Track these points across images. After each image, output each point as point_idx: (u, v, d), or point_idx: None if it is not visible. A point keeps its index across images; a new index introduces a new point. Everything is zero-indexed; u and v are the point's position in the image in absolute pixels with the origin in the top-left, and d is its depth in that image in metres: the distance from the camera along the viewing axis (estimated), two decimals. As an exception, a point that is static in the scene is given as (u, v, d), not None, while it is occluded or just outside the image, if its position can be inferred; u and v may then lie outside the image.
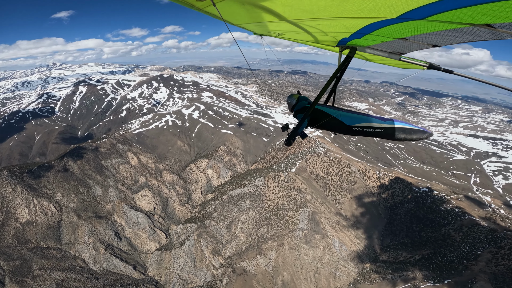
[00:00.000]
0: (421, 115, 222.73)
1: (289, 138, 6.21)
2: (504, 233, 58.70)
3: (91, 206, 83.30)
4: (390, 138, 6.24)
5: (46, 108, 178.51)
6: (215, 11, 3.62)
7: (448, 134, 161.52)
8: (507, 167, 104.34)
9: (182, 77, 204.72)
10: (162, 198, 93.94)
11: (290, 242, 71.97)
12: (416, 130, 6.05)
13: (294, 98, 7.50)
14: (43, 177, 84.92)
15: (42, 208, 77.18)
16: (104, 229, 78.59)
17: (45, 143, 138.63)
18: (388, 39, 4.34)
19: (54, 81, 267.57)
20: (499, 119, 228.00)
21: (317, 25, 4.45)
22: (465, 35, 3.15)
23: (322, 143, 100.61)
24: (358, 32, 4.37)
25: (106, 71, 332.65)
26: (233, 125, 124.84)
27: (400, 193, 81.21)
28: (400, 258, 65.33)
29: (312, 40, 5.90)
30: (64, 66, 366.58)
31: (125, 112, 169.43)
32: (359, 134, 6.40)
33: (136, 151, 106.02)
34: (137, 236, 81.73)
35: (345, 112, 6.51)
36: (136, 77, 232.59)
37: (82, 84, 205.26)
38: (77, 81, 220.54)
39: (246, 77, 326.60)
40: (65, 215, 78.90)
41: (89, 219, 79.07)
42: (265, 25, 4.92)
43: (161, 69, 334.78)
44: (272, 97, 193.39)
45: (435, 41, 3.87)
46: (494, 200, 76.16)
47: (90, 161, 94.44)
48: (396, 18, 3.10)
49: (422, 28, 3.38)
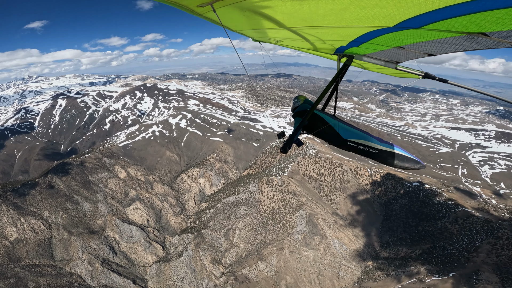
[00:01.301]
0: (404, 111, 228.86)
1: (285, 145, 6.19)
2: (499, 223, 60.04)
3: (82, 222, 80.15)
4: (382, 162, 6.16)
5: (25, 124, 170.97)
6: (215, 17, 3.67)
7: (431, 128, 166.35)
8: (492, 157, 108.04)
9: (166, 85, 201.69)
10: (155, 210, 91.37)
11: (290, 246, 71.28)
12: (410, 159, 5.98)
13: (300, 100, 7.34)
14: (28, 195, 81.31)
15: (30, 226, 73.95)
16: (97, 244, 75.65)
17: (27, 160, 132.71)
18: (385, 47, 4.42)
19: (31, 95, 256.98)
20: (478, 111, 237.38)
21: (316, 33, 4.51)
22: (460, 43, 3.22)
23: (313, 145, 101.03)
24: (355, 41, 4.42)
25: (85, 82, 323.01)
26: (222, 132, 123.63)
27: (392, 189, 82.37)
28: (401, 254, 65.87)
29: (311, 47, 5.95)
30: (40, 79, 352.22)
31: (109, 125, 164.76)
32: (352, 150, 6.26)
33: (123, 164, 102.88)
34: (133, 249, 79.07)
35: (344, 125, 6.38)
36: (118, 87, 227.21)
37: (61, 97, 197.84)
38: (55, 94, 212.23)
39: (231, 82, 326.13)
40: (55, 232, 75.70)
41: (80, 235, 76.05)
42: (264, 32, 4.96)
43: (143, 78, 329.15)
44: (259, 101, 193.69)
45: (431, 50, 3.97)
46: (484, 191, 78.40)
47: (76, 177, 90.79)
48: (393, 27, 3.13)
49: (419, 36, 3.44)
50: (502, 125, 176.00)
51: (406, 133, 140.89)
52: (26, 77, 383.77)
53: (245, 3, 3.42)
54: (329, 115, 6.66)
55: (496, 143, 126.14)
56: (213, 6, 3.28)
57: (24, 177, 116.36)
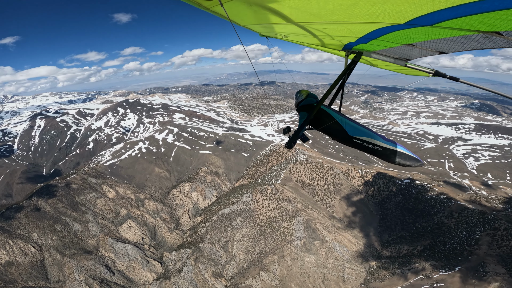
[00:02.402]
0: (386, 110, 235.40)
1: (290, 141, 6.13)
2: (494, 214, 61.59)
3: (73, 243, 77.10)
4: (385, 159, 6.28)
5: (4, 147, 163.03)
6: (222, 11, 3.63)
7: (414, 125, 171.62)
8: (475, 149, 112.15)
9: (150, 100, 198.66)
10: (149, 227, 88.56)
11: (291, 253, 70.44)
12: (411, 157, 6.14)
13: (303, 94, 7.25)
14: (13, 218, 78.33)
15: (20, 249, 70.89)
16: (93, 264, 72.69)
17: (9, 184, 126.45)
18: (394, 44, 4.35)
19: (7, 116, 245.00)
20: (455, 105, 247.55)
21: (324, 29, 4.44)
22: (473, 42, 3.15)
23: (302, 150, 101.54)
24: (364, 37, 4.37)
25: (64, 100, 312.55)
26: (211, 144, 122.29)
27: (385, 188, 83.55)
28: (403, 252, 66.32)
29: (318, 43, 5.91)
30: (16, 98, 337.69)
31: (92, 144, 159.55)
32: (357, 147, 6.32)
33: (111, 184, 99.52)
34: (131, 268, 76.12)
35: (350, 122, 6.39)
36: (99, 104, 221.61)
37: (39, 117, 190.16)
38: (33, 114, 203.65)
39: (215, 93, 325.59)
40: (47, 253, 72.61)
41: (74, 256, 73.10)
42: (271, 27, 4.92)
43: (125, 93, 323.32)
44: (245, 110, 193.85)
45: (443, 48, 3.89)
46: (473, 183, 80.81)
47: (62, 199, 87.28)
48: (404, 24, 3.07)
49: (430, 34, 3.38)
50: (480, 117, 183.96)
51: (391, 131, 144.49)
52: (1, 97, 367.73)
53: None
54: (335, 111, 6.62)
55: (477, 135, 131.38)
56: (220, 0, 3.23)
57: (8, 201, 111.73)
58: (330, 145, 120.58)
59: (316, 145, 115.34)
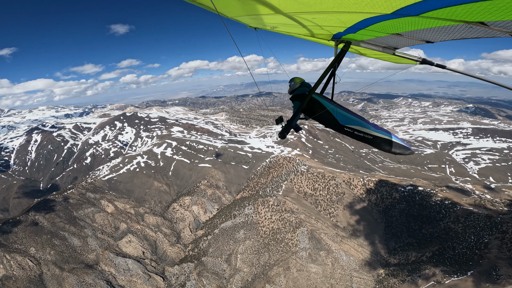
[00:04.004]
0: (383, 117, 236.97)
1: (283, 131, 6.23)
2: (500, 217, 61.20)
3: (72, 258, 75.06)
4: (376, 147, 6.43)
5: (0, 162, 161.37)
6: (209, 3, 3.57)
7: (412, 131, 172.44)
8: (474, 153, 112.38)
9: (147, 113, 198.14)
10: (150, 242, 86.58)
11: (296, 264, 68.80)
12: (401, 146, 6.28)
13: (297, 82, 7.27)
14: (10, 233, 76.74)
15: (17, 263, 68.91)
16: (93, 279, 70.60)
17: (5, 199, 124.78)
18: (382, 34, 4.43)
19: (4, 130, 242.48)
20: (450, 110, 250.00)
21: (313, 19, 4.47)
22: (458, 32, 3.24)
23: (303, 161, 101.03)
24: (353, 27, 4.42)
25: (60, 114, 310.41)
26: (210, 157, 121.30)
27: (388, 195, 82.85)
28: (411, 259, 65.17)
29: (308, 33, 5.98)
30: (13, 112, 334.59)
31: (89, 159, 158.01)
32: (349, 135, 6.46)
33: (110, 198, 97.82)
34: (132, 283, 73.92)
35: (342, 110, 6.49)
36: (96, 118, 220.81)
37: (35, 132, 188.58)
38: (29, 128, 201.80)
39: (213, 106, 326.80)
40: (45, 268, 70.53)
41: (73, 271, 71.02)
42: (260, 18, 4.92)
43: (122, 107, 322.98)
44: (243, 122, 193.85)
45: (429, 37, 4.01)
46: (475, 187, 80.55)
47: (60, 213, 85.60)
48: (391, 14, 3.11)
49: (416, 24, 3.43)
50: (476, 121, 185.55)
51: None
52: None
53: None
54: (327, 100, 6.70)
55: (475, 139, 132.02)
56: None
57: (5, 215, 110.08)
58: (331, 154, 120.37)
59: (316, 155, 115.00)
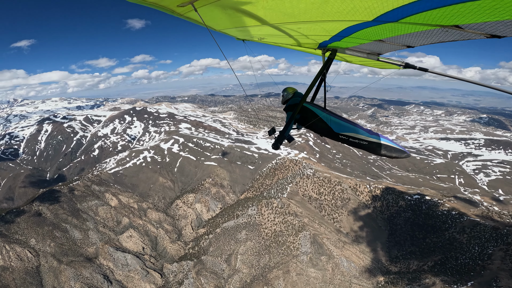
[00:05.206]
0: (393, 124, 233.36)
1: (276, 141, 6.33)
2: (507, 229, 60.03)
3: (72, 250, 75.24)
4: (372, 152, 6.47)
5: (9, 151, 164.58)
6: (196, 17, 3.66)
7: (422, 140, 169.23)
8: (485, 165, 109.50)
9: (157, 109, 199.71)
10: (150, 237, 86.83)
11: (296, 268, 68.02)
12: (396, 149, 6.33)
13: (290, 92, 7.32)
14: (13, 222, 76.96)
15: (16, 254, 69.06)
16: (90, 273, 70.67)
17: (11, 188, 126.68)
18: (365, 41, 4.57)
19: (16, 119, 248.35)
20: (463, 120, 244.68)
21: (298, 29, 4.56)
22: (435, 36, 3.39)
23: (309, 164, 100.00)
24: (337, 35, 4.54)
25: (72, 106, 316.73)
26: (216, 155, 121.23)
27: (394, 203, 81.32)
28: (412, 267, 63.95)
29: (294, 43, 6.10)
30: (26, 102, 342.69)
31: (97, 151, 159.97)
32: (344, 142, 6.49)
33: (114, 192, 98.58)
34: (129, 278, 74.06)
35: (335, 118, 6.52)
36: (106, 111, 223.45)
37: (46, 122, 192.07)
38: (41, 118, 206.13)
39: (221, 104, 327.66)
40: (43, 260, 70.71)
41: (71, 263, 71.13)
42: (247, 30, 5.00)
43: (132, 101, 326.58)
44: (251, 122, 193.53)
45: (409, 42, 4.16)
46: (484, 198, 78.82)
47: (64, 205, 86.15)
48: (372, 21, 3.23)
49: (396, 30, 3.58)
50: (489, 132, 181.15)
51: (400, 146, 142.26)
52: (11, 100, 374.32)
53: (227, 1, 3.39)
54: (320, 108, 6.71)
55: (487, 151, 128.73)
56: (194, 5, 3.24)
57: (9, 205, 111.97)
58: (338, 159, 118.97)
59: (323, 159, 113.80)
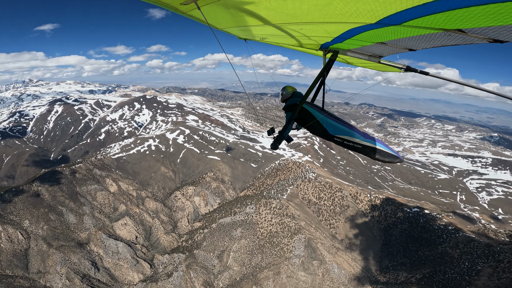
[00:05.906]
0: (401, 136, 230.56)
1: (275, 142, 6.54)
2: (500, 247, 59.72)
3: (63, 235, 75.62)
4: (366, 155, 6.50)
5: (17, 128, 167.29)
6: (199, 15, 3.67)
7: (429, 154, 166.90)
8: (489, 184, 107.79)
9: (166, 98, 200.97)
10: (145, 227, 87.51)
11: (287, 270, 68.01)
12: (390, 154, 6.36)
13: (289, 91, 7.40)
14: (10, 202, 77.17)
15: (7, 235, 69.49)
16: (79, 258, 71.05)
17: (14, 166, 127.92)
18: (367, 43, 4.56)
19: (28, 98, 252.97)
20: (473, 137, 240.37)
21: (300, 29, 4.57)
22: (438, 39, 3.36)
23: (312, 168, 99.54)
24: (339, 37, 4.54)
25: (85, 90, 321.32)
26: (220, 150, 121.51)
27: (392, 214, 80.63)
28: (401, 279, 63.75)
29: (296, 44, 6.11)
30: (40, 83, 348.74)
31: (103, 135, 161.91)
32: (339, 144, 6.60)
33: (115, 177, 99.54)
34: (118, 266, 74.66)
35: (332, 121, 6.56)
36: (117, 97, 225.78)
37: (58, 103, 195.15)
38: (53, 99, 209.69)
39: (230, 99, 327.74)
40: (33, 243, 71.12)
41: (61, 248, 71.44)
42: (249, 29, 5.03)
43: (143, 89, 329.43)
44: (258, 120, 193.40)
45: (411, 45, 4.14)
46: (482, 216, 78.39)
47: (63, 187, 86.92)
48: (375, 23, 3.22)
49: (399, 33, 3.57)
50: (498, 152, 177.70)
51: (405, 159, 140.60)
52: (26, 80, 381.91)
53: (230, 0, 3.41)
54: (318, 110, 6.76)
55: (493, 170, 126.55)
56: (197, 4, 3.24)
57: (9, 183, 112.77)
58: (342, 166, 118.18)
59: (327, 165, 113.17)
